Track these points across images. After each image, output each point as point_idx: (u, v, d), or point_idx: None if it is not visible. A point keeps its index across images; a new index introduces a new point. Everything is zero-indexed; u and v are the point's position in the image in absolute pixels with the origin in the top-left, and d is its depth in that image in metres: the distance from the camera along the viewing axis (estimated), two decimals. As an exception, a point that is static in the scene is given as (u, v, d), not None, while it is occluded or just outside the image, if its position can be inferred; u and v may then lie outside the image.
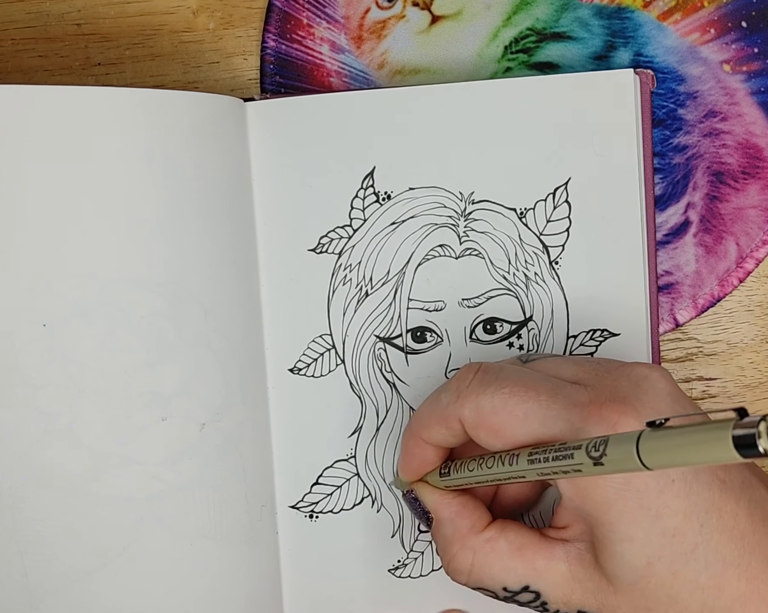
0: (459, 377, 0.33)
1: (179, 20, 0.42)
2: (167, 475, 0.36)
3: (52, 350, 0.35)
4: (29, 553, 0.35)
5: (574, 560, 0.32)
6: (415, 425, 0.35)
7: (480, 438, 0.32)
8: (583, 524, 0.31)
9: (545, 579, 0.32)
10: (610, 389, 0.31)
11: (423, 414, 0.34)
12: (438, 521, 0.35)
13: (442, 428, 0.33)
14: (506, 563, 0.33)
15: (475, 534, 0.34)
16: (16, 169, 0.34)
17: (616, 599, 0.31)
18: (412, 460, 0.35)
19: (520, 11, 0.42)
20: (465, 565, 0.33)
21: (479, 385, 0.32)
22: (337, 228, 0.40)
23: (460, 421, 0.32)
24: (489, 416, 0.32)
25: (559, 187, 0.39)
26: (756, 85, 0.42)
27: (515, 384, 0.32)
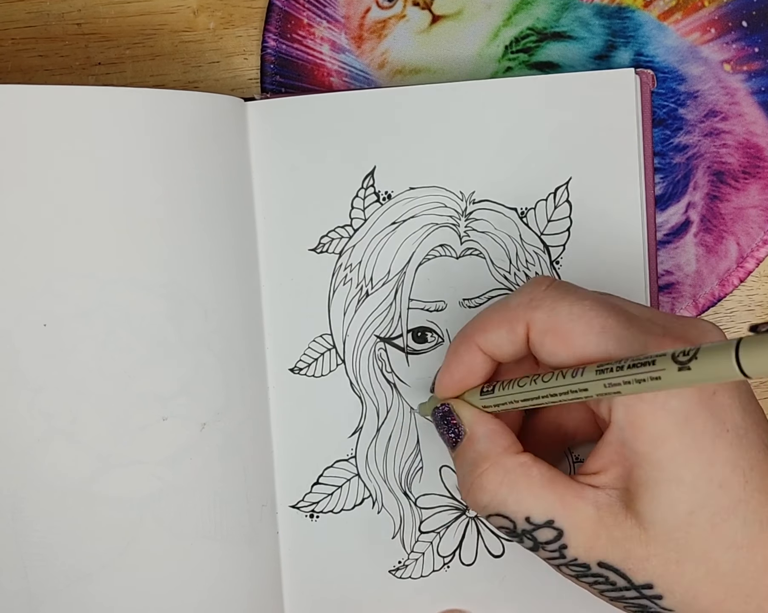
0: (533, 282, 0.32)
1: (179, 20, 0.42)
2: (168, 475, 0.36)
3: (53, 351, 0.35)
4: (29, 553, 0.35)
5: (604, 505, 0.30)
6: (471, 328, 0.33)
7: (545, 346, 0.31)
8: (621, 467, 0.30)
9: (572, 518, 0.30)
10: (681, 330, 0.30)
11: (483, 317, 0.33)
12: (472, 435, 0.33)
13: (503, 331, 0.32)
14: (536, 491, 0.31)
15: (510, 455, 0.32)
16: (16, 169, 0.34)
17: (647, 550, 0.29)
18: (457, 368, 0.34)
19: (521, 11, 0.42)
20: (494, 483, 0.31)
21: (557, 291, 0.31)
22: (338, 228, 0.40)
23: (527, 325, 0.31)
24: (564, 322, 0.30)
25: (560, 186, 0.39)
26: (756, 85, 0.42)
27: (596, 300, 0.30)
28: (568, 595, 0.41)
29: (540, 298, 0.31)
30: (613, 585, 0.31)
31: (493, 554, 0.41)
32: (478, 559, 0.41)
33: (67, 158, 0.35)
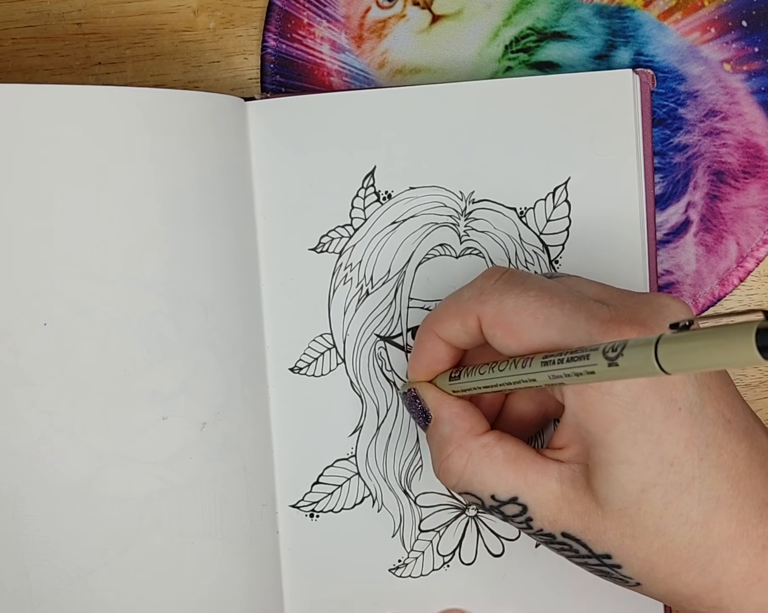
0: (484, 275, 0.33)
1: (180, 19, 0.42)
2: (168, 474, 0.36)
3: (53, 349, 0.35)
4: (29, 552, 0.35)
5: (566, 480, 0.31)
6: (431, 318, 0.34)
7: (495, 337, 0.32)
8: (581, 445, 0.31)
9: (535, 494, 0.32)
10: (632, 310, 0.30)
11: (441, 308, 0.34)
12: (437, 419, 0.34)
13: (457, 323, 0.33)
14: (499, 470, 0.32)
15: (473, 437, 0.33)
16: (15, 168, 0.34)
17: (603, 524, 0.30)
18: (422, 355, 0.35)
19: (521, 10, 0.42)
20: (458, 466, 0.33)
21: (504, 284, 0.32)
22: (338, 227, 0.40)
23: (477, 318, 0.32)
24: (509, 315, 0.31)
25: (559, 186, 0.39)
26: (756, 85, 0.42)
27: (541, 290, 0.31)
28: (568, 594, 0.41)
29: (488, 293, 0.32)
30: (577, 553, 0.32)
31: (493, 554, 0.41)
32: (478, 558, 0.41)
33: (67, 158, 0.35)
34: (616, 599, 0.41)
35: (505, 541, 0.41)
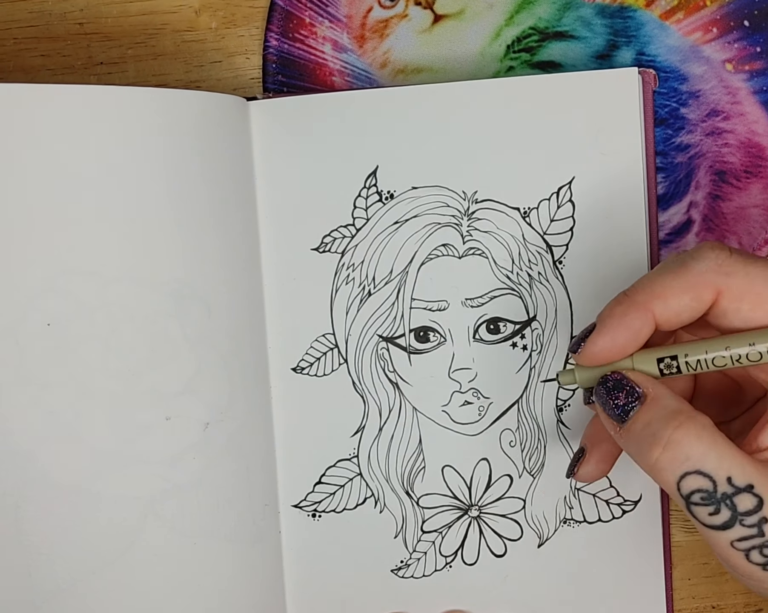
0: (713, 247, 0.31)
1: (181, 19, 0.42)
2: (171, 474, 0.36)
3: (56, 349, 0.35)
4: (33, 552, 0.35)
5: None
6: (644, 295, 0.31)
7: (740, 311, 0.30)
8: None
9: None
10: None
11: (661, 283, 0.31)
12: (656, 396, 0.31)
13: (686, 298, 0.31)
14: (734, 452, 0.29)
15: (701, 414, 0.30)
16: (18, 167, 0.34)
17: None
18: (623, 334, 0.32)
19: (523, 10, 0.42)
20: (692, 436, 0.29)
21: (743, 256, 0.30)
22: (340, 227, 0.40)
23: (716, 291, 0.30)
24: (761, 286, 0.30)
25: (563, 186, 0.39)
26: (758, 84, 0.42)
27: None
28: (570, 595, 0.41)
29: (730, 264, 0.30)
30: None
31: (495, 554, 0.41)
32: (480, 559, 0.41)
33: (70, 157, 0.35)
34: (617, 600, 0.41)
35: (508, 541, 0.41)
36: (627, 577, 0.41)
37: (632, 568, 0.41)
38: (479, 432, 0.40)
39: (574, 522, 0.41)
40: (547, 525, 0.41)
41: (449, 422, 0.40)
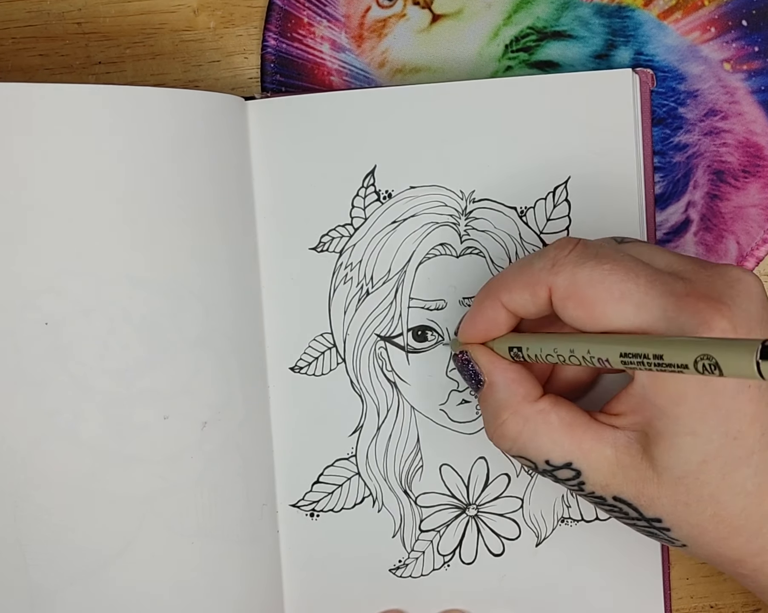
0: (557, 245, 0.32)
1: (180, 19, 0.42)
2: (168, 474, 0.36)
3: (54, 349, 0.35)
4: (31, 552, 0.35)
5: (621, 446, 0.32)
6: (496, 286, 0.34)
7: (567, 310, 0.31)
8: (641, 414, 0.31)
9: (589, 460, 0.32)
10: (706, 284, 0.30)
11: (508, 276, 0.33)
12: (491, 384, 0.34)
13: (526, 293, 0.32)
14: (554, 436, 0.32)
15: (528, 403, 0.33)
16: (16, 167, 0.34)
17: (658, 491, 0.31)
18: (480, 321, 0.34)
19: (521, 10, 0.42)
20: (513, 431, 0.33)
21: (578, 256, 0.31)
22: (338, 226, 0.40)
23: (549, 289, 0.32)
24: (584, 288, 0.31)
25: (559, 185, 0.39)
26: (756, 84, 0.42)
27: (616, 263, 0.31)
28: (567, 594, 0.41)
29: (561, 263, 0.31)
30: (626, 515, 0.33)
31: (494, 553, 0.41)
32: (478, 558, 0.41)
33: (67, 157, 0.35)
34: (616, 599, 0.41)
35: (506, 540, 0.41)
36: (625, 576, 0.41)
37: (630, 567, 0.41)
38: (477, 431, 0.40)
39: (572, 521, 0.41)
40: (544, 524, 0.41)
41: (447, 421, 0.40)
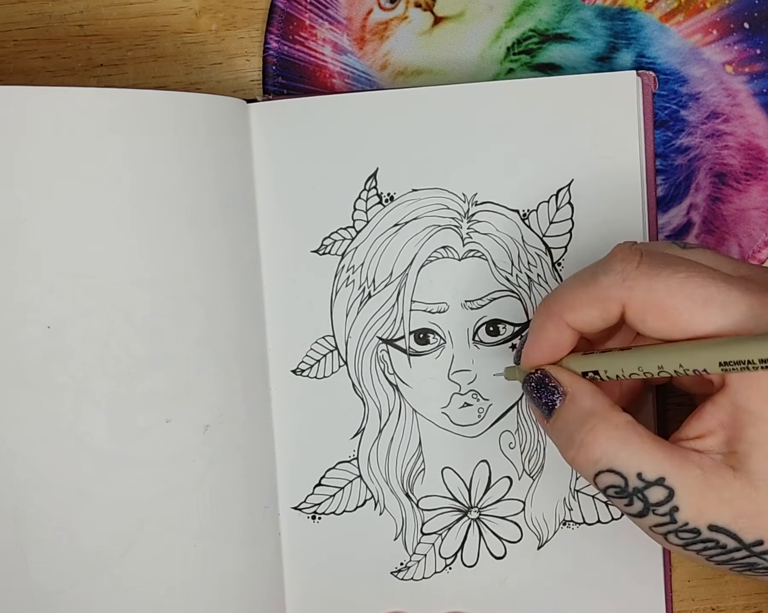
0: (621, 258, 0.31)
1: (182, 21, 0.42)
2: (170, 476, 0.36)
3: (56, 351, 0.35)
4: (32, 554, 0.35)
5: (709, 468, 0.30)
6: (558, 306, 0.33)
7: (647, 323, 0.31)
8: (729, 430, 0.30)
9: (682, 476, 0.30)
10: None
11: (571, 294, 0.32)
12: (576, 394, 0.33)
13: (595, 310, 0.32)
14: (647, 447, 0.31)
15: (618, 412, 0.32)
16: (18, 170, 0.34)
17: (758, 507, 0.30)
18: (546, 344, 0.33)
19: (523, 12, 0.42)
20: (604, 437, 0.31)
21: (649, 267, 0.30)
22: (340, 229, 0.40)
23: (622, 304, 0.31)
24: (664, 299, 0.30)
25: (562, 188, 0.39)
26: (758, 87, 0.42)
27: (690, 270, 0.30)
28: (569, 597, 0.41)
29: (634, 277, 0.31)
30: (723, 548, 0.31)
31: (495, 556, 0.41)
32: (480, 560, 0.41)
33: (69, 160, 0.35)
34: (617, 602, 0.41)
35: (507, 543, 0.41)
36: (626, 579, 0.41)
37: (632, 570, 0.41)
38: (479, 434, 0.40)
39: (574, 524, 0.41)
40: (546, 527, 0.41)
41: (449, 424, 0.40)
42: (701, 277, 0.30)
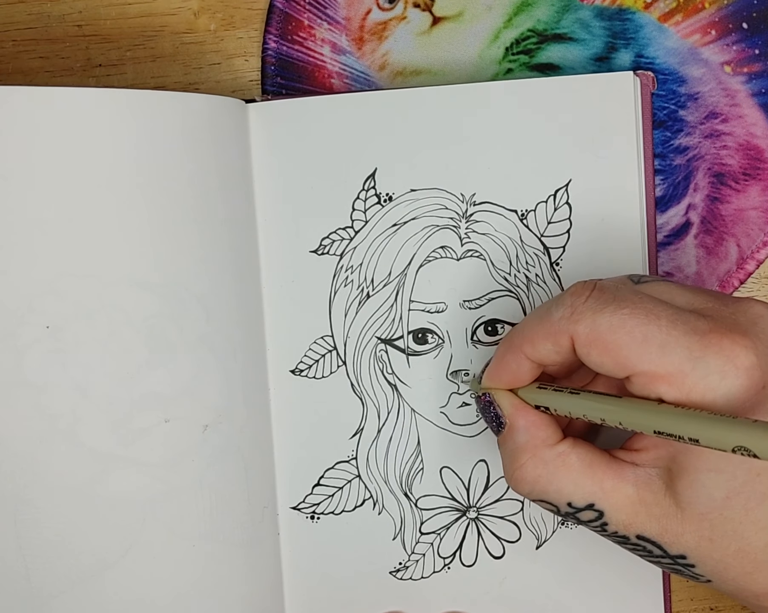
0: (573, 292, 0.32)
1: (180, 21, 0.42)
2: (169, 477, 0.36)
3: (55, 352, 0.35)
4: (32, 555, 0.35)
5: (642, 484, 0.32)
6: (518, 338, 0.34)
7: (591, 357, 0.31)
8: (664, 449, 0.31)
9: (611, 500, 0.32)
10: (729, 321, 0.30)
11: (528, 327, 0.33)
12: (512, 427, 0.34)
13: (548, 344, 0.32)
14: (575, 478, 0.32)
15: (548, 447, 0.33)
16: (17, 170, 0.34)
17: (682, 527, 0.31)
18: (503, 372, 0.34)
19: (521, 12, 0.42)
20: (532, 475, 0.33)
21: (596, 302, 0.31)
22: (339, 229, 0.40)
23: (570, 338, 0.31)
24: (605, 334, 0.30)
25: (560, 188, 0.39)
26: (757, 87, 0.42)
27: (635, 306, 0.31)
28: (568, 596, 0.41)
29: (581, 311, 0.31)
30: (651, 553, 0.32)
31: (494, 556, 0.41)
32: (479, 560, 0.41)
33: (68, 160, 0.35)
34: (616, 601, 0.41)
35: (506, 543, 0.41)
36: (625, 579, 0.41)
37: (630, 570, 0.41)
38: (477, 433, 0.40)
39: (572, 524, 0.41)
40: (545, 527, 0.41)
41: (447, 424, 0.40)
42: (645, 314, 0.30)
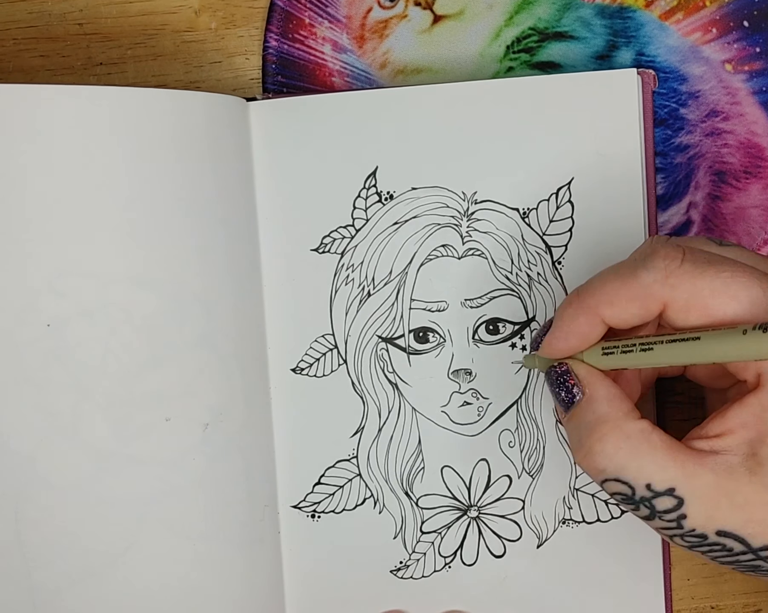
0: (664, 255, 0.30)
1: (181, 20, 0.42)
2: (170, 475, 0.36)
3: (56, 350, 0.35)
4: (32, 553, 0.35)
5: (723, 472, 0.30)
6: (593, 300, 0.32)
7: (689, 321, 0.30)
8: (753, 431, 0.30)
9: (692, 485, 0.30)
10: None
11: (608, 288, 0.31)
12: (591, 397, 0.32)
13: (634, 308, 0.31)
14: (659, 458, 0.30)
15: (632, 420, 0.31)
16: (18, 168, 0.34)
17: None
18: (574, 336, 0.32)
19: (522, 11, 0.42)
20: (614, 447, 0.31)
21: (694, 265, 0.30)
22: (340, 228, 0.40)
23: (663, 302, 0.30)
24: (708, 298, 0.29)
25: (562, 187, 0.39)
26: (758, 85, 0.42)
27: (735, 268, 0.30)
28: (569, 595, 0.41)
29: (677, 275, 0.30)
30: (730, 551, 0.30)
31: (495, 555, 0.41)
32: (480, 559, 0.41)
33: (69, 158, 0.35)
34: (617, 601, 0.41)
35: (507, 542, 0.41)
36: (626, 577, 0.41)
37: (631, 568, 0.41)
38: (478, 433, 0.40)
39: (573, 522, 0.41)
40: (546, 526, 0.41)
41: (448, 423, 0.40)
42: (747, 277, 0.30)
